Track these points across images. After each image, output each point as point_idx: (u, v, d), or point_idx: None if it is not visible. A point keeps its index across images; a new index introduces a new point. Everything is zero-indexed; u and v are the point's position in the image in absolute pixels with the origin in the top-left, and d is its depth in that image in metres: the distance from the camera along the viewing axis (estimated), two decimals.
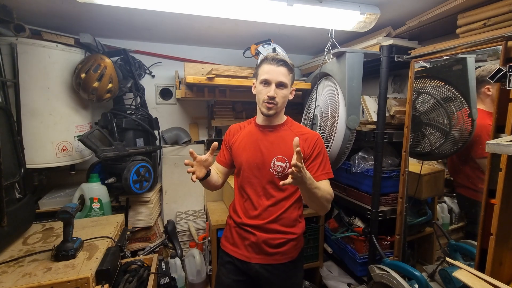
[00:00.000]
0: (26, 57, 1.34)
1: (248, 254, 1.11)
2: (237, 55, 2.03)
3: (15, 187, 1.22)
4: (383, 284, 1.24)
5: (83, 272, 0.97)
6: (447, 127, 1.38)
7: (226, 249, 1.18)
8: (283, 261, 1.11)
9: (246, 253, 1.12)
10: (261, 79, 1.09)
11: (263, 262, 1.10)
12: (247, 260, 1.11)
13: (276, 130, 1.15)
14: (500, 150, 0.79)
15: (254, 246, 1.11)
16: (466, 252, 1.28)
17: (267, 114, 1.10)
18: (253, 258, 1.11)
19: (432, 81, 1.44)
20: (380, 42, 1.44)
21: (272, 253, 1.10)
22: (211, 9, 1.21)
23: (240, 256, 1.13)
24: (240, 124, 1.27)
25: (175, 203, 2.03)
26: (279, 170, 1.09)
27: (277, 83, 1.07)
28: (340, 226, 1.79)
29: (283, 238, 1.10)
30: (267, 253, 1.10)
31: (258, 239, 1.09)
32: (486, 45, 1.06)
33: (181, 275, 1.66)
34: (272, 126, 1.15)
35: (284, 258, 1.11)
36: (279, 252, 1.10)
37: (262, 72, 1.09)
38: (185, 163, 0.98)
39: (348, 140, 1.39)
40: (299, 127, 1.17)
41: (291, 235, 1.11)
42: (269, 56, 1.10)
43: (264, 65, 1.09)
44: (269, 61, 1.08)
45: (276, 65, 1.07)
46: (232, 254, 1.15)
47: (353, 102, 1.37)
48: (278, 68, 1.06)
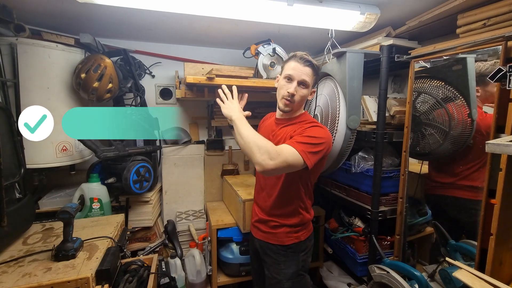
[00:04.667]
0: (26, 57, 1.34)
1: (254, 230, 1.32)
2: (237, 55, 2.03)
3: (15, 187, 1.21)
4: (383, 284, 1.24)
5: (83, 272, 0.97)
6: (447, 127, 1.38)
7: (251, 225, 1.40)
8: (272, 242, 1.22)
9: (253, 228, 1.34)
10: (285, 74, 1.15)
11: (260, 238, 1.27)
12: (254, 234, 1.32)
13: (287, 125, 1.21)
14: (500, 150, 0.79)
15: (257, 224, 1.29)
16: (466, 252, 1.28)
17: (283, 109, 1.18)
18: (256, 234, 1.30)
19: (432, 81, 1.44)
20: (380, 42, 1.44)
21: (266, 232, 1.25)
22: (211, 9, 1.21)
23: (252, 230, 1.36)
24: (270, 114, 1.40)
25: (175, 203, 2.03)
26: None
27: (300, 81, 1.12)
28: (340, 226, 1.79)
29: (277, 222, 1.21)
30: (263, 231, 1.26)
31: (260, 218, 1.26)
32: (486, 45, 1.06)
33: (181, 275, 1.66)
34: (285, 120, 1.23)
35: (274, 240, 1.22)
36: (270, 232, 1.23)
37: (288, 68, 1.14)
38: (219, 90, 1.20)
39: (348, 140, 1.39)
40: (310, 120, 1.18)
41: (284, 221, 1.21)
42: (298, 54, 1.14)
43: (291, 62, 1.14)
44: (297, 59, 1.13)
45: (303, 64, 1.11)
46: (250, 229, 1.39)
47: (354, 102, 1.37)
48: (304, 68, 1.11)
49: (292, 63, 1.13)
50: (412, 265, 1.42)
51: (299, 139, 1.04)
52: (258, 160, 0.97)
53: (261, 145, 0.98)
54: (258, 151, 0.98)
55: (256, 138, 1.01)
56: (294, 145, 1.02)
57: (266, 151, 0.97)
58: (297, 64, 1.12)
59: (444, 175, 1.52)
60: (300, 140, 1.04)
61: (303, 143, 1.03)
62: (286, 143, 1.04)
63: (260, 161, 0.97)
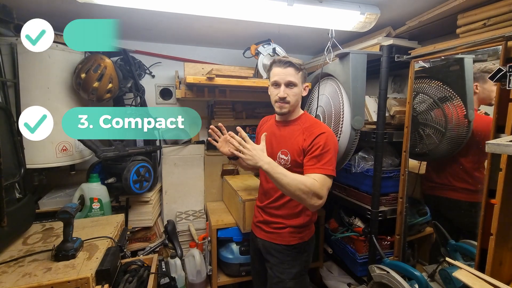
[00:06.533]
0: (26, 57, 1.34)
1: (257, 230, 1.33)
2: (237, 55, 2.02)
3: (15, 187, 1.22)
4: (383, 284, 1.24)
5: (83, 272, 0.97)
6: (443, 127, 1.38)
7: (252, 225, 1.40)
8: (277, 242, 1.23)
9: (255, 228, 1.35)
10: (271, 81, 1.20)
11: (264, 238, 1.28)
12: (257, 234, 1.32)
13: (288, 126, 1.23)
14: (500, 150, 0.79)
15: (260, 224, 1.30)
16: (466, 252, 1.28)
17: (280, 112, 1.20)
18: (259, 234, 1.31)
19: (431, 82, 1.44)
20: (380, 42, 1.44)
21: (270, 232, 1.25)
22: (211, 9, 1.21)
23: (254, 230, 1.36)
24: (268, 117, 1.41)
25: (175, 203, 2.03)
26: (282, 162, 1.18)
27: (286, 83, 1.15)
28: (340, 226, 1.79)
29: (282, 224, 1.22)
30: (266, 231, 1.27)
31: (264, 219, 1.27)
32: (486, 45, 1.06)
33: (181, 275, 1.66)
34: (285, 122, 1.25)
35: (279, 240, 1.23)
36: (274, 232, 1.24)
37: (273, 75, 1.19)
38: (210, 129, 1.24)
39: (353, 140, 1.39)
40: (308, 122, 1.20)
41: (289, 222, 1.21)
42: (276, 59, 1.18)
43: (273, 68, 1.19)
44: (277, 63, 1.17)
45: (283, 66, 1.15)
46: (252, 229, 1.39)
47: (358, 102, 1.37)
48: (285, 70, 1.14)
49: (274, 69, 1.17)
50: (412, 265, 1.42)
51: (321, 162, 1.08)
52: (310, 203, 1.01)
53: (307, 189, 1.00)
54: (306, 196, 1.00)
55: (299, 183, 1.00)
56: (322, 171, 1.06)
57: (312, 194, 1.00)
58: (278, 69, 1.16)
59: (441, 175, 1.52)
60: (322, 163, 1.07)
61: (325, 163, 1.07)
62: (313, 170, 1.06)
63: (313, 203, 1.01)
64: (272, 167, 1.00)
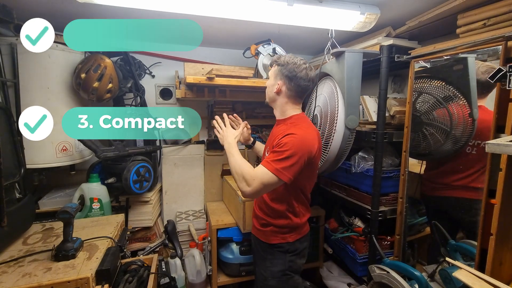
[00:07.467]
0: (26, 57, 1.34)
1: (252, 226, 1.36)
2: (237, 55, 2.02)
3: (15, 187, 1.22)
4: (383, 284, 1.24)
5: (83, 272, 0.97)
6: (448, 126, 1.38)
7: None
8: (261, 239, 1.26)
9: (252, 224, 1.37)
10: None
11: (254, 234, 1.32)
12: (251, 230, 1.36)
13: (278, 125, 1.25)
14: (500, 150, 0.79)
15: (253, 219, 1.33)
16: (466, 252, 1.27)
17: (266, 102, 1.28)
18: (252, 229, 1.35)
19: (432, 81, 1.44)
20: (380, 42, 1.44)
21: (257, 228, 1.28)
22: (211, 9, 1.21)
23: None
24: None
25: (175, 203, 2.03)
26: (266, 159, 1.17)
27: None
28: (340, 226, 1.79)
29: (265, 220, 1.24)
30: (255, 227, 1.30)
31: (256, 213, 1.31)
32: (486, 45, 1.06)
33: (181, 275, 1.66)
34: (277, 121, 1.27)
35: (263, 238, 1.25)
36: (261, 230, 1.27)
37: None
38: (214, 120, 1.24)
39: (347, 139, 1.39)
40: (294, 123, 1.16)
41: (272, 220, 1.23)
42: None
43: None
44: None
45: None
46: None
47: (352, 102, 1.37)
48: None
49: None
50: (412, 265, 1.42)
51: (270, 157, 1.06)
52: (239, 187, 1.06)
53: (240, 172, 1.05)
54: (238, 178, 1.05)
55: (237, 165, 1.06)
56: (266, 164, 1.04)
57: (243, 178, 1.04)
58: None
59: (443, 175, 1.51)
60: (271, 158, 1.05)
61: (274, 160, 1.03)
62: (262, 163, 1.07)
63: (240, 188, 1.05)
64: (229, 147, 1.13)
